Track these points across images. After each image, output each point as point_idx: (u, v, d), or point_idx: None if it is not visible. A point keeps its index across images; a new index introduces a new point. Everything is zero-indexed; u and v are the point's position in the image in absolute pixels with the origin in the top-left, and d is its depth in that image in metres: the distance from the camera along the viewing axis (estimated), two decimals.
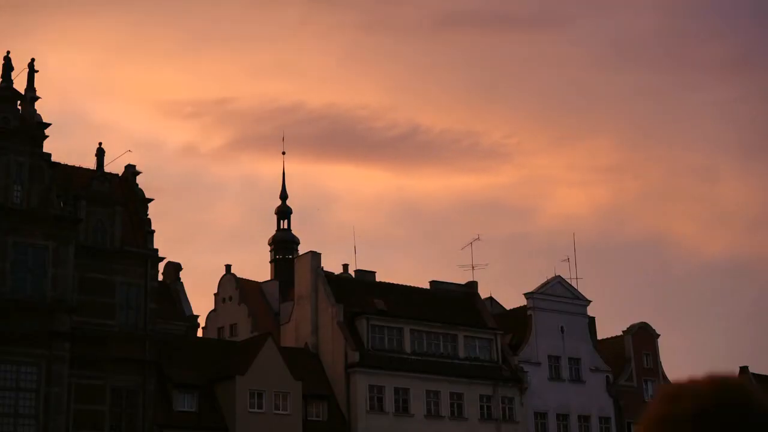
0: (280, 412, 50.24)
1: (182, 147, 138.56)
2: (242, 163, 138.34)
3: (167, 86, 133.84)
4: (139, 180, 52.55)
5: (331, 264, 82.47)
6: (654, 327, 67.82)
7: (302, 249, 77.62)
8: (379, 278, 62.59)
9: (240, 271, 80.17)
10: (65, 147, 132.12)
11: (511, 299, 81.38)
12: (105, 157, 49.91)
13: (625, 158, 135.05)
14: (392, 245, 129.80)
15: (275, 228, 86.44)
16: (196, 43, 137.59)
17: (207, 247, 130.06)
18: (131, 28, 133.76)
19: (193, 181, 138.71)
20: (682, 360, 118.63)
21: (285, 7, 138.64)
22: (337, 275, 62.81)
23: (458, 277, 65.53)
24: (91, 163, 49.62)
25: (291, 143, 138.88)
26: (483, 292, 66.49)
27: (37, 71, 46.90)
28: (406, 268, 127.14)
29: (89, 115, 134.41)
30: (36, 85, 46.83)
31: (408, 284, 62.60)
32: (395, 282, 62.32)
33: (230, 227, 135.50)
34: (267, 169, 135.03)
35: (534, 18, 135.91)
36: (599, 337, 66.10)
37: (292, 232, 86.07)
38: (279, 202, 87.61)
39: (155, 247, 49.32)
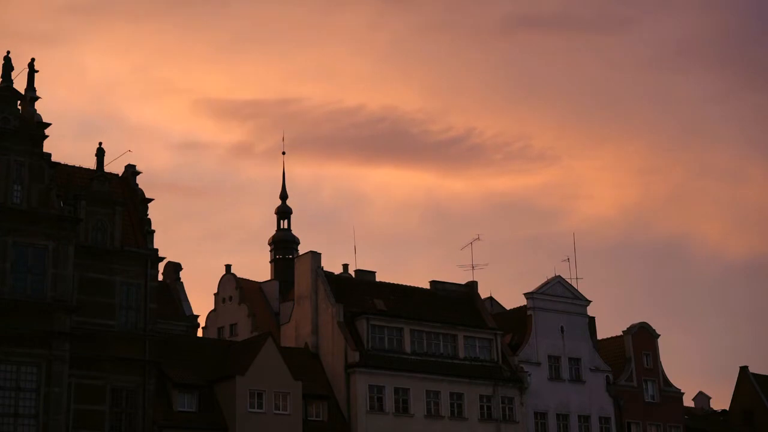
0: (280, 412, 50.23)
1: (234, 147, 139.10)
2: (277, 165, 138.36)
3: (221, 87, 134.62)
4: (178, 181, 52.53)
5: (332, 264, 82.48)
6: (654, 327, 67.86)
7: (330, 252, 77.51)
8: (379, 278, 62.58)
9: (240, 271, 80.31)
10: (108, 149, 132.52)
11: (512, 299, 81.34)
12: (107, 158, 49.93)
13: (656, 160, 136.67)
14: (392, 245, 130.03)
15: (275, 228, 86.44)
16: (251, 44, 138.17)
17: (207, 247, 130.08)
18: (179, 30, 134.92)
19: (235, 182, 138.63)
20: (682, 360, 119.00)
21: (344, 10, 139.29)
22: (337, 275, 62.81)
23: (458, 277, 65.41)
24: (93, 163, 49.61)
25: (341, 145, 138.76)
26: (485, 292, 66.69)
27: (37, 71, 46.88)
28: (406, 268, 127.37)
29: (128, 117, 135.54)
30: (77, 87, 46.69)
31: (408, 284, 62.64)
32: (395, 282, 62.32)
33: (259, 227, 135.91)
34: (301, 172, 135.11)
35: (596, 20, 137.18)
36: (599, 337, 66.14)
37: (292, 232, 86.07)
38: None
39: (155, 247, 49.30)
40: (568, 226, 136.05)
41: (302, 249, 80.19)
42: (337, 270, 66.85)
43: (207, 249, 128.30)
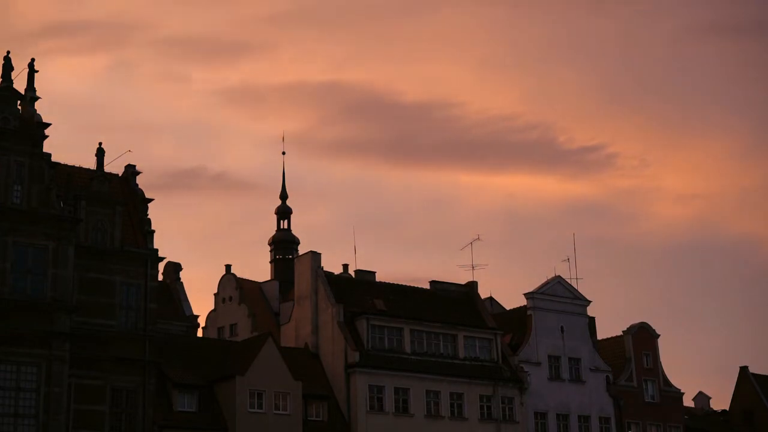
0: (280, 412, 50.23)
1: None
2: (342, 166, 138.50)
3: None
4: (234, 177, 52.48)
5: (332, 264, 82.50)
6: (654, 327, 67.87)
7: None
8: (379, 278, 62.58)
9: (240, 271, 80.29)
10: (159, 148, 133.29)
11: (512, 299, 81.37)
12: (118, 158, 50.12)
13: (730, 162, 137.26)
14: (392, 245, 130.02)
15: (275, 228, 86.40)
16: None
17: (207, 247, 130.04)
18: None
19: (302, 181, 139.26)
20: (682, 360, 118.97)
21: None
22: (337, 275, 62.81)
23: (458, 277, 65.43)
24: (94, 163, 49.62)
25: (418, 147, 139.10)
26: (485, 292, 66.72)
27: (37, 71, 46.86)
28: (406, 268, 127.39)
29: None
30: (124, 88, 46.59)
31: (408, 284, 62.68)
32: (395, 282, 62.33)
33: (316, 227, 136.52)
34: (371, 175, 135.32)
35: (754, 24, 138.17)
36: (599, 337, 66.15)
37: (292, 232, 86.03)
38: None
39: (155, 247, 49.28)
40: (646, 228, 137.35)
41: (404, 255, 79.92)
42: (337, 270, 66.85)
43: (208, 249, 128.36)
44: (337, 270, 66.66)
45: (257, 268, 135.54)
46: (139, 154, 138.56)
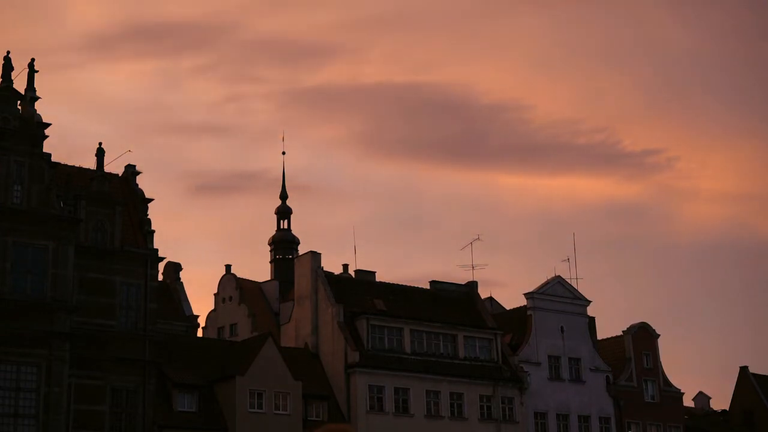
0: (280, 412, 50.24)
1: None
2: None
3: None
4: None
5: (332, 264, 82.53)
6: (654, 327, 67.87)
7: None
8: (379, 278, 62.57)
9: (240, 271, 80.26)
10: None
11: (512, 299, 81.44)
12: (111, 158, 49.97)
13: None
14: (392, 245, 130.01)
15: (275, 228, 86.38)
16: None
17: (208, 247, 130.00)
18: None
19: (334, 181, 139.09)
20: (682, 360, 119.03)
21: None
22: (337, 275, 62.81)
23: (458, 278, 65.45)
24: (94, 163, 49.60)
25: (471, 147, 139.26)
26: (489, 292, 66.75)
27: (37, 71, 46.89)
28: (406, 269, 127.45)
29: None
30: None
31: (408, 284, 62.67)
32: (395, 282, 62.32)
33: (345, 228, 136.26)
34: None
35: None
36: (599, 337, 66.13)
37: (292, 232, 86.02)
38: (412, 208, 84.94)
39: (155, 247, 49.29)
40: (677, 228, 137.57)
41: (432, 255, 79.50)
42: (337, 270, 66.84)
43: (208, 249, 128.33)
44: (338, 270, 66.72)
45: (257, 268, 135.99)
46: (200, 156, 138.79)
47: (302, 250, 75.93)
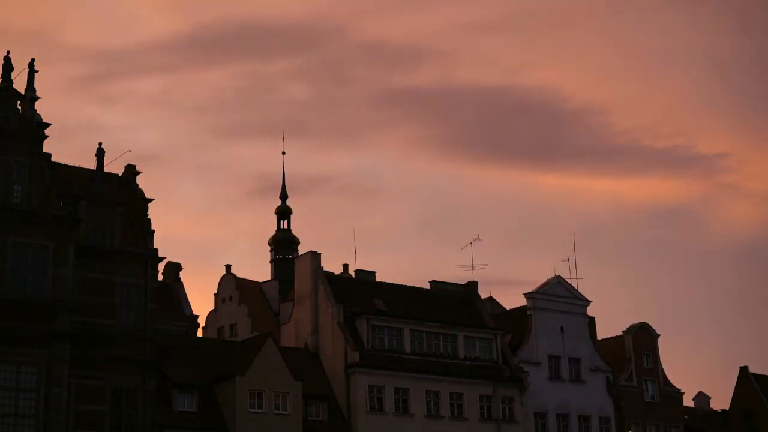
0: (280, 412, 50.24)
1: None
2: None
3: None
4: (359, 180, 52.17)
5: (332, 264, 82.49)
6: (654, 327, 67.86)
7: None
8: (379, 278, 62.57)
9: (240, 271, 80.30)
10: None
11: (512, 299, 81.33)
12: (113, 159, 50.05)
13: None
14: (392, 245, 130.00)
15: (275, 228, 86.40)
16: None
17: (207, 247, 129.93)
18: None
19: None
20: (682, 360, 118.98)
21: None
22: (337, 275, 62.81)
23: (458, 277, 65.41)
24: (94, 163, 49.57)
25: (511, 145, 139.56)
26: (486, 293, 66.66)
27: (37, 71, 46.84)
28: (406, 269, 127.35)
29: None
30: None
31: (408, 284, 62.63)
32: (395, 282, 62.30)
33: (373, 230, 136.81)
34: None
35: None
36: (599, 337, 66.08)
37: (292, 232, 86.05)
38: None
39: (155, 247, 49.28)
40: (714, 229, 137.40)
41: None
42: (338, 270, 66.86)
43: (207, 249, 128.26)
44: (338, 270, 66.75)
45: (257, 268, 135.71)
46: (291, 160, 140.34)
47: (358, 254, 74.99)
